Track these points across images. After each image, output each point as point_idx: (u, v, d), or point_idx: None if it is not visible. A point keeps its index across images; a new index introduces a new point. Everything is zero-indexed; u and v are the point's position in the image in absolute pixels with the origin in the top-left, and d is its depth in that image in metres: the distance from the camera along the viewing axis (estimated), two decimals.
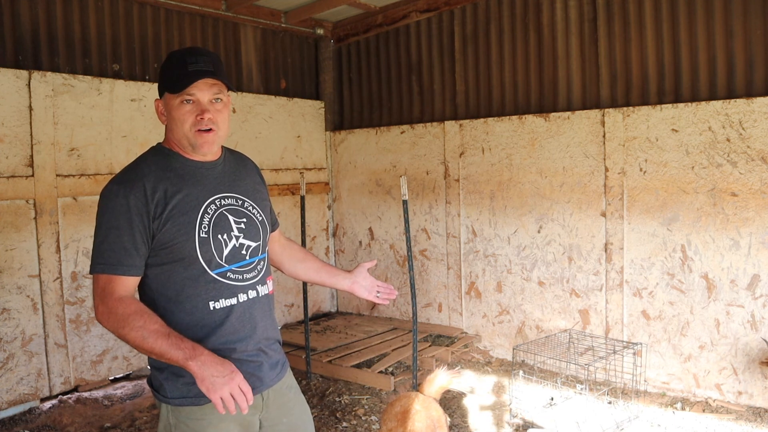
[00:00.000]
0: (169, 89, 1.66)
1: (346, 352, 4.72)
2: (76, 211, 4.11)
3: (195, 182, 1.70)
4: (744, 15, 3.79)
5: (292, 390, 1.88)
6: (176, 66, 1.65)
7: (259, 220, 1.81)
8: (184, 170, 1.70)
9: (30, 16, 4.07)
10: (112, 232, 1.58)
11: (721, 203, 3.79)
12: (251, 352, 1.73)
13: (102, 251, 1.58)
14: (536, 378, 4.04)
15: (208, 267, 1.65)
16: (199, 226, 1.64)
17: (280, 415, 1.80)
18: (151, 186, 1.62)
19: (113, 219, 1.58)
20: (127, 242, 1.58)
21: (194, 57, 1.64)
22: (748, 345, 3.73)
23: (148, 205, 1.59)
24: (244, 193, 1.80)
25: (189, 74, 1.62)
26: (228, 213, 1.72)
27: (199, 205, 1.67)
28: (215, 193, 1.72)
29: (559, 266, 4.52)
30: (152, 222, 1.60)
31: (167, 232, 1.61)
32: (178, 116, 1.66)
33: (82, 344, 4.14)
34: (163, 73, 1.70)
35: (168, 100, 1.68)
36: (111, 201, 1.60)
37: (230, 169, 1.81)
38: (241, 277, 1.72)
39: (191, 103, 1.65)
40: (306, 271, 2.10)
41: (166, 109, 1.70)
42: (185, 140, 1.68)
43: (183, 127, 1.66)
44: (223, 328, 1.67)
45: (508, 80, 4.90)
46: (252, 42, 5.50)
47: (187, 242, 1.62)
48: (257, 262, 1.78)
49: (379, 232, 5.68)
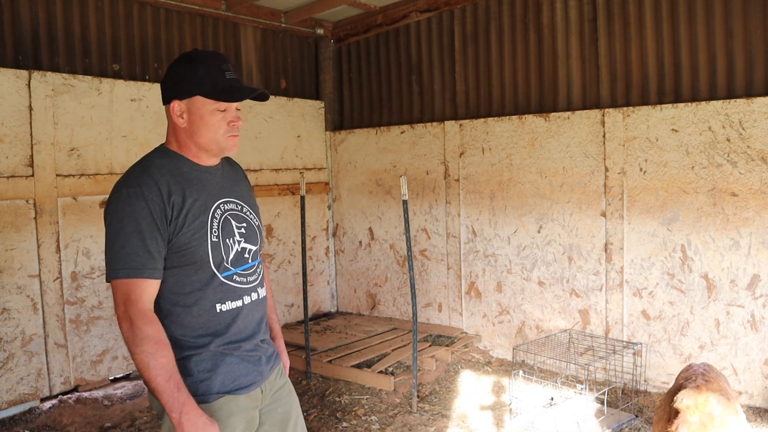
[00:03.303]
0: (210, 95, 1.65)
1: (346, 352, 4.72)
2: (76, 211, 4.11)
3: (202, 187, 1.72)
4: (744, 15, 3.79)
5: (283, 378, 1.93)
6: (213, 72, 1.66)
7: (256, 225, 1.85)
8: (192, 174, 1.71)
9: (30, 16, 4.07)
10: (134, 236, 1.56)
11: (721, 203, 3.79)
12: (252, 348, 1.77)
13: (124, 255, 1.56)
14: (536, 378, 4.04)
15: (218, 270, 1.68)
16: (210, 230, 1.67)
17: (274, 405, 1.85)
18: (167, 189, 1.62)
19: (134, 223, 1.56)
20: (151, 245, 1.57)
21: (227, 64, 1.69)
22: (748, 345, 3.73)
23: (165, 209, 1.60)
24: (241, 198, 1.84)
25: (238, 89, 1.67)
26: (231, 218, 1.75)
27: (209, 209, 1.70)
28: (219, 197, 1.75)
29: (559, 266, 4.52)
30: (168, 225, 1.60)
31: (183, 236, 1.62)
32: (213, 122, 1.67)
33: (82, 344, 4.14)
34: (194, 76, 1.66)
35: (200, 104, 1.66)
36: (129, 205, 1.57)
37: (227, 174, 1.86)
38: (245, 280, 1.76)
39: (224, 111, 1.69)
40: None
41: (191, 112, 1.67)
42: (214, 144, 1.71)
43: (216, 133, 1.69)
44: (229, 329, 1.70)
45: (508, 80, 4.90)
46: (252, 42, 5.50)
47: (200, 246, 1.64)
48: (257, 266, 1.83)
49: (379, 232, 5.68)
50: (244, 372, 1.73)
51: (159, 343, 1.55)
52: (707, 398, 2.16)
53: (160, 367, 1.52)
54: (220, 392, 1.67)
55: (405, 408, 3.92)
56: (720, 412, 2.13)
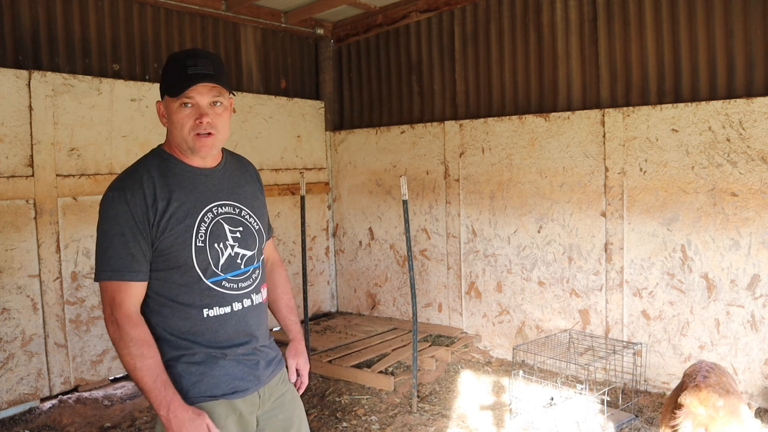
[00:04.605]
0: (169, 92, 1.65)
1: (346, 352, 4.72)
2: (76, 211, 4.11)
3: (193, 189, 1.69)
4: (744, 15, 3.79)
5: (286, 385, 1.89)
6: (175, 69, 1.64)
7: (256, 230, 1.80)
8: (183, 176, 1.69)
9: (30, 16, 4.07)
10: (117, 238, 1.58)
11: (721, 203, 3.79)
12: (248, 352, 1.74)
13: (108, 258, 1.58)
14: (536, 378, 4.04)
15: (204, 275, 1.66)
16: (196, 235, 1.65)
17: (275, 411, 1.81)
18: (151, 193, 1.61)
19: (117, 226, 1.58)
20: (134, 248, 1.59)
21: (194, 59, 1.63)
22: (748, 345, 3.73)
23: (147, 212, 1.60)
24: (242, 201, 1.80)
25: (188, 77, 1.61)
26: (224, 222, 1.72)
27: (197, 213, 1.67)
28: (213, 200, 1.72)
29: (559, 266, 4.52)
30: (151, 229, 1.60)
31: (165, 240, 1.61)
32: (177, 120, 1.65)
33: (82, 344, 4.14)
34: (163, 75, 1.69)
35: (168, 103, 1.67)
36: (113, 208, 1.60)
37: (230, 175, 1.81)
38: (236, 286, 1.72)
39: (190, 107, 1.64)
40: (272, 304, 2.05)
41: (166, 112, 1.69)
42: (184, 144, 1.67)
43: (182, 131, 1.65)
44: (217, 334, 1.68)
45: (508, 80, 4.90)
46: (252, 42, 5.50)
47: (183, 251, 1.63)
48: (252, 271, 1.78)
49: (379, 232, 5.68)
50: (239, 375, 1.70)
51: (145, 345, 1.56)
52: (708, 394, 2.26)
53: (146, 368, 1.54)
54: (213, 395, 1.65)
55: (405, 408, 3.92)
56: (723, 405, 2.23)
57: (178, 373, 1.64)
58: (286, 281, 2.08)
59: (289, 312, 2.03)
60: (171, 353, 1.65)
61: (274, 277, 2.05)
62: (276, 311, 2.05)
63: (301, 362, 2.03)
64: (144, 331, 1.59)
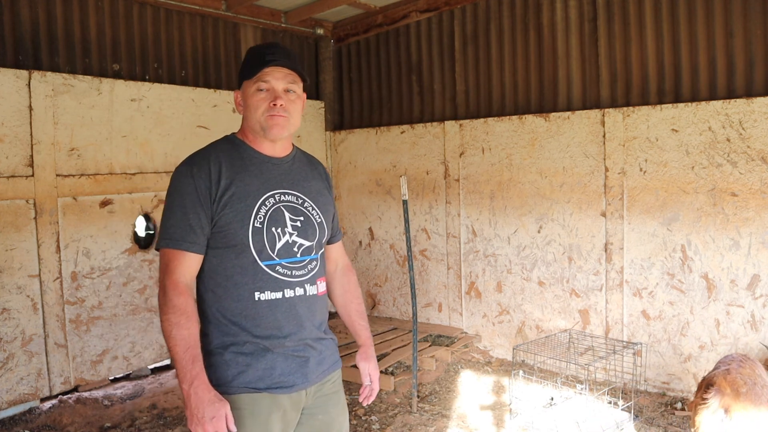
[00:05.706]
0: (245, 76, 1.74)
1: (346, 352, 4.72)
2: (76, 211, 4.11)
3: (259, 174, 1.74)
4: (744, 15, 3.79)
5: (335, 389, 1.86)
6: (254, 56, 1.73)
7: (318, 222, 1.81)
8: (251, 161, 1.75)
9: (30, 16, 4.07)
10: (179, 210, 1.64)
11: (721, 203, 3.79)
12: (296, 347, 1.72)
13: (168, 227, 1.65)
14: (536, 378, 4.04)
15: (259, 257, 1.68)
16: (255, 216, 1.68)
17: (316, 410, 1.79)
18: (216, 170, 1.68)
19: (180, 198, 1.65)
20: (193, 220, 1.64)
21: (272, 49, 1.73)
22: (748, 345, 3.73)
23: (211, 187, 1.66)
24: (306, 193, 1.82)
25: (266, 62, 1.70)
26: (285, 209, 1.75)
27: (259, 196, 1.71)
28: (276, 187, 1.75)
29: (559, 266, 4.52)
30: (212, 204, 1.65)
31: (224, 216, 1.66)
32: (252, 103, 1.72)
33: (82, 344, 4.14)
34: (242, 65, 1.79)
35: (244, 88, 1.75)
36: (179, 181, 1.67)
37: (298, 168, 1.85)
38: (290, 273, 1.73)
39: (266, 91, 1.72)
40: (341, 308, 2.06)
41: (242, 98, 1.77)
42: (257, 125, 1.73)
43: (257, 112, 1.72)
44: (267, 320, 1.68)
45: (508, 80, 4.90)
46: (252, 42, 5.49)
47: (240, 229, 1.66)
48: (308, 261, 1.77)
49: (379, 232, 5.68)
50: (286, 371, 1.69)
51: (184, 315, 1.59)
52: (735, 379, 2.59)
53: (180, 338, 1.57)
54: (257, 388, 1.65)
55: (405, 408, 3.92)
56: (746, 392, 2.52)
57: (225, 361, 1.65)
58: (356, 287, 2.09)
59: (358, 317, 2.04)
60: (220, 339, 1.67)
61: (344, 282, 2.06)
62: (345, 315, 2.05)
63: (371, 367, 2.01)
64: (187, 301, 1.61)
